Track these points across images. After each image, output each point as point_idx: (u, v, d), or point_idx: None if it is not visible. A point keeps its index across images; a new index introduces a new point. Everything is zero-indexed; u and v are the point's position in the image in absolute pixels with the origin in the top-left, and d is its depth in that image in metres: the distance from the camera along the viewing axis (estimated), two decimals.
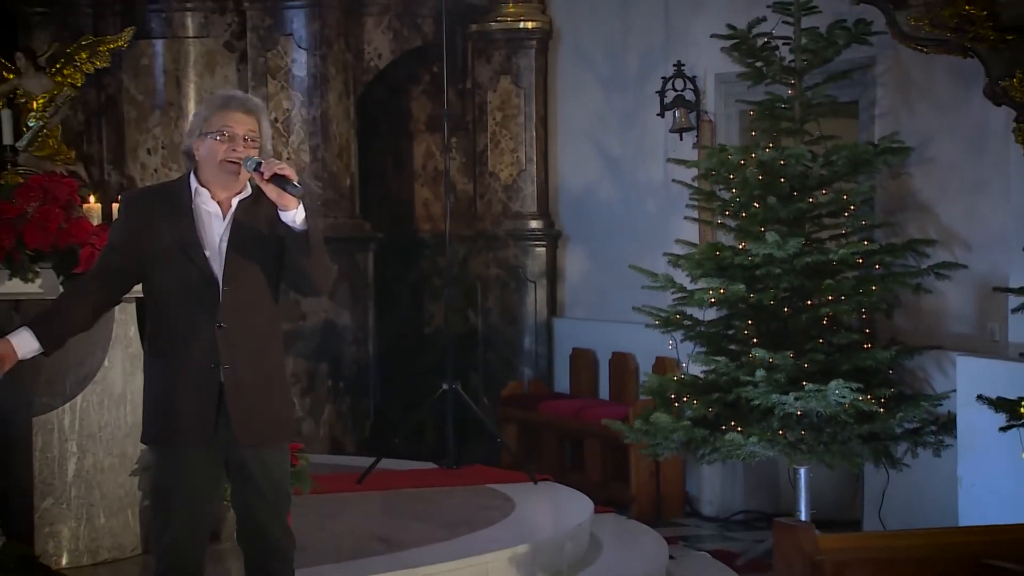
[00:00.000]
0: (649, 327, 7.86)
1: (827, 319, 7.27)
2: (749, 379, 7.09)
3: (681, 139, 9.11)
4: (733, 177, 7.51)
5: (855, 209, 7.49)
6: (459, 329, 10.33)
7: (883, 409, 7.10)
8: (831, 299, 7.20)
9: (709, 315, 7.67)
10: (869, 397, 7.02)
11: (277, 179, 4.14)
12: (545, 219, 10.51)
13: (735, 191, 7.53)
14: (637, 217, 9.70)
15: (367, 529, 6.66)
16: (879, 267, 7.42)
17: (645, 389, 7.83)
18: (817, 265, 7.28)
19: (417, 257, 10.71)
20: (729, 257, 7.41)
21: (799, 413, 6.97)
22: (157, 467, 4.41)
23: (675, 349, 7.85)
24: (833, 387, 6.88)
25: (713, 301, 7.44)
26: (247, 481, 4.33)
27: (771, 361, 7.05)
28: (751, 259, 7.26)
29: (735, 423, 7.19)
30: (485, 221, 10.60)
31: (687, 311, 7.67)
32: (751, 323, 7.41)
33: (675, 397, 7.49)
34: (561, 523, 6.97)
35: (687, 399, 7.44)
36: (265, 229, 4.28)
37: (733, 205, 7.55)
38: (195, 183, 4.33)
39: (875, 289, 7.27)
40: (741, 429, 7.13)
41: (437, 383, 8.13)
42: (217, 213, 4.31)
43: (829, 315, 7.24)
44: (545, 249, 10.46)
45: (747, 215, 7.46)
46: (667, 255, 7.81)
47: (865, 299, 7.26)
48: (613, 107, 9.98)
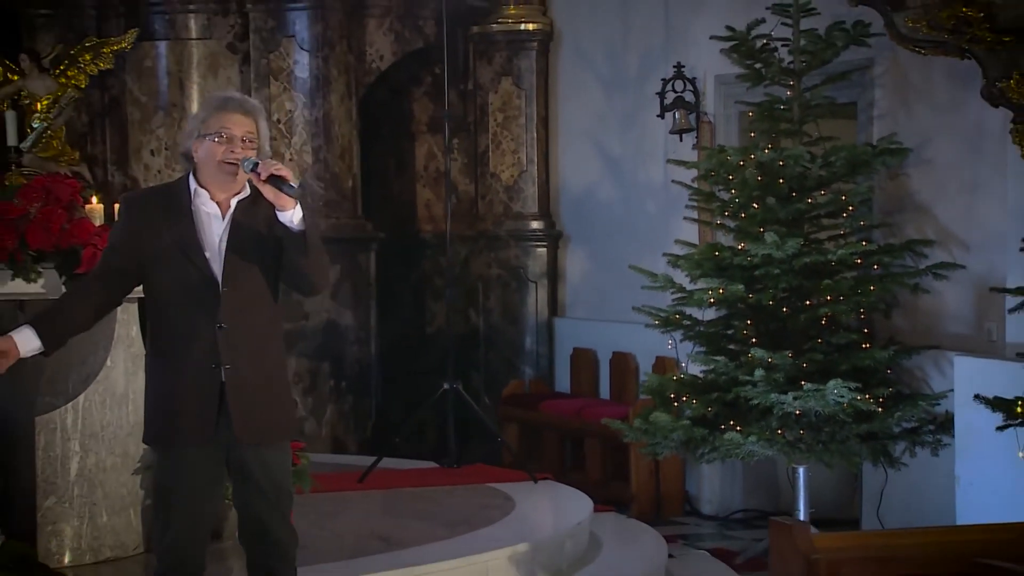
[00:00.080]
0: (649, 327, 7.86)
1: (826, 319, 7.27)
2: (748, 379, 7.08)
3: (681, 140, 9.10)
4: (732, 178, 7.51)
5: (853, 210, 7.48)
6: (460, 329, 10.34)
7: (881, 408, 7.10)
8: (830, 299, 7.20)
9: (708, 315, 7.67)
10: (867, 397, 7.02)
11: (274, 180, 4.16)
12: (546, 219, 10.51)
13: (734, 192, 7.53)
14: (637, 217, 9.70)
15: (368, 528, 6.66)
16: (877, 267, 7.42)
17: (645, 389, 7.83)
18: (816, 265, 7.28)
19: (419, 257, 10.71)
20: (728, 257, 7.41)
21: (798, 412, 6.97)
22: (158, 467, 4.42)
23: (675, 349, 7.83)
24: (832, 387, 6.88)
25: (712, 301, 7.44)
26: (248, 480, 4.34)
27: (770, 361, 7.05)
28: (750, 259, 7.26)
29: (734, 422, 7.18)
30: (486, 222, 10.60)
31: (686, 311, 7.66)
32: (750, 323, 7.41)
33: (675, 397, 7.48)
34: (561, 522, 6.97)
35: (686, 399, 7.43)
36: (264, 229, 4.29)
37: (732, 206, 7.55)
38: (194, 184, 4.34)
39: (873, 289, 7.27)
40: (740, 428, 7.13)
41: (439, 383, 8.13)
42: (216, 214, 4.32)
43: (828, 315, 7.23)
44: (546, 249, 10.46)
45: (746, 216, 7.46)
46: (667, 255, 7.80)
47: (863, 299, 7.26)
48: (613, 108, 9.98)
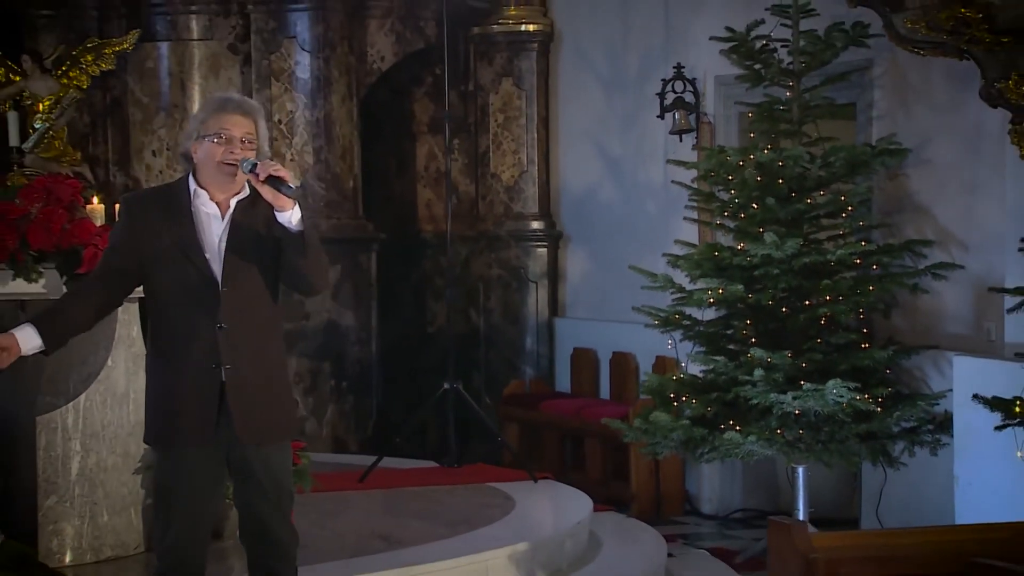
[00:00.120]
0: (649, 327, 7.87)
1: (825, 319, 7.27)
2: (747, 378, 7.09)
3: (681, 140, 9.11)
4: (732, 178, 7.51)
5: (853, 210, 7.49)
6: (461, 329, 10.35)
7: (880, 408, 7.10)
8: (829, 299, 7.21)
9: (708, 315, 7.68)
10: (867, 396, 7.02)
11: (272, 180, 4.17)
12: (546, 220, 10.52)
13: (734, 192, 7.53)
14: (637, 218, 9.71)
15: (368, 527, 6.68)
16: (876, 267, 7.43)
17: (645, 388, 7.84)
18: (815, 265, 7.29)
19: (420, 257, 10.73)
20: (728, 257, 7.42)
21: (797, 412, 6.97)
22: (158, 467, 4.43)
23: (674, 349, 7.84)
24: (831, 386, 6.89)
25: (712, 301, 7.44)
26: (249, 479, 4.35)
27: (769, 361, 7.06)
28: (749, 259, 7.27)
29: (733, 422, 7.19)
30: (487, 222, 10.61)
31: (686, 311, 7.67)
32: (749, 323, 7.42)
33: (674, 396, 7.48)
34: (561, 521, 7.00)
35: (686, 398, 7.43)
36: (263, 230, 4.29)
37: (732, 206, 7.55)
38: (194, 185, 4.35)
39: (872, 289, 7.28)
40: (739, 428, 7.13)
41: (439, 383, 8.15)
42: (216, 214, 4.33)
43: (827, 315, 7.23)
44: (546, 250, 10.47)
45: (746, 216, 7.46)
46: (666, 255, 7.81)
47: (863, 299, 7.27)
48: (614, 109, 9.99)
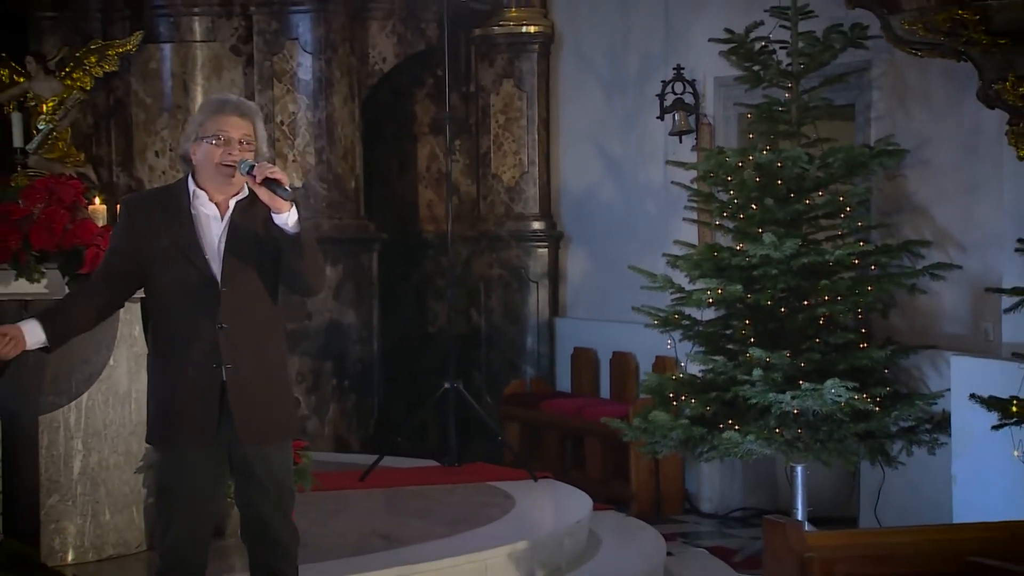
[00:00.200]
0: (648, 327, 7.88)
1: (823, 319, 7.29)
2: (746, 378, 7.11)
3: (680, 141, 9.13)
4: (731, 179, 7.53)
5: (851, 211, 7.51)
6: (462, 329, 10.38)
7: (879, 408, 7.12)
8: (827, 299, 7.23)
9: (707, 315, 7.70)
10: (865, 396, 7.04)
11: (268, 182, 4.19)
12: (547, 220, 10.54)
13: (733, 193, 7.56)
14: (637, 218, 9.74)
15: (369, 526, 6.70)
16: (875, 268, 7.45)
17: (644, 388, 7.86)
18: (814, 266, 7.31)
19: (421, 258, 10.75)
20: (727, 258, 7.44)
21: (796, 412, 6.99)
22: (160, 466, 4.45)
23: (674, 349, 7.87)
24: (829, 386, 6.91)
25: (711, 301, 7.46)
26: (250, 478, 4.37)
27: (768, 360, 7.08)
28: (748, 260, 7.29)
29: (733, 421, 7.21)
30: (488, 222, 10.63)
31: (686, 311, 7.69)
32: (748, 323, 7.44)
33: (674, 396, 7.50)
34: (560, 520, 7.02)
35: (685, 398, 7.45)
36: (261, 231, 4.31)
37: (731, 207, 7.57)
38: (193, 186, 4.37)
39: (871, 289, 7.30)
40: (738, 427, 7.15)
41: (440, 382, 8.18)
42: (215, 215, 4.35)
43: (825, 315, 7.25)
44: (547, 250, 10.50)
45: (745, 216, 7.48)
46: (666, 256, 7.83)
47: (861, 299, 7.29)
48: (614, 110, 10.01)
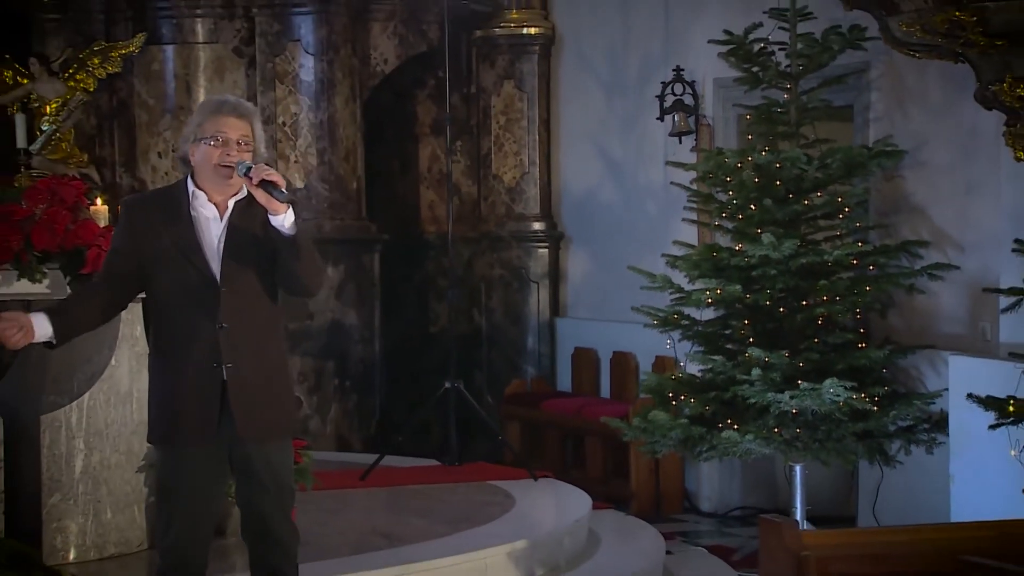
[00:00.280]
0: (648, 327, 7.90)
1: (822, 319, 7.31)
2: (745, 378, 7.12)
3: (680, 142, 9.14)
4: (730, 180, 7.55)
5: (850, 211, 7.52)
6: (463, 329, 10.40)
7: (877, 407, 7.14)
8: (826, 299, 7.24)
9: (706, 315, 7.72)
10: (863, 395, 7.05)
11: (265, 184, 4.22)
12: (548, 221, 10.57)
13: (732, 193, 7.56)
14: (637, 219, 9.76)
15: (369, 525, 6.72)
16: (873, 268, 7.46)
17: (644, 387, 7.88)
18: (812, 266, 7.32)
19: (422, 258, 10.78)
20: (726, 258, 7.45)
21: (794, 411, 7.00)
22: (161, 466, 4.48)
23: (673, 348, 7.89)
24: (828, 385, 6.92)
25: (710, 301, 7.48)
26: (251, 478, 4.39)
27: (767, 360, 7.09)
28: (747, 260, 7.30)
29: (732, 421, 7.22)
30: (489, 223, 10.66)
31: (685, 311, 7.70)
32: (747, 323, 7.45)
33: (673, 395, 7.51)
34: (560, 519, 7.04)
35: (684, 397, 7.47)
36: (260, 231, 4.33)
37: (730, 207, 7.58)
38: (192, 187, 4.40)
39: (869, 289, 7.31)
40: (737, 427, 7.16)
41: (442, 382, 8.20)
42: (215, 216, 4.38)
43: (824, 315, 7.27)
44: (548, 250, 10.53)
45: (744, 217, 7.50)
46: (665, 256, 7.85)
47: (859, 299, 7.31)
48: (614, 111, 10.04)
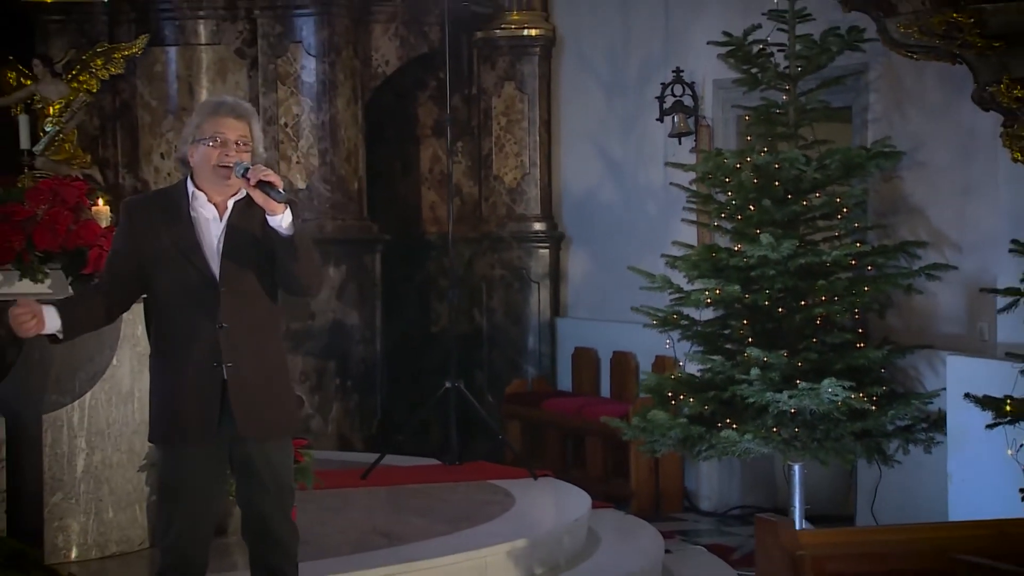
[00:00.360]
0: (647, 327, 7.92)
1: (820, 319, 7.32)
2: (744, 377, 7.14)
3: (680, 143, 9.16)
4: (729, 180, 7.56)
5: (848, 212, 7.54)
6: (464, 329, 10.44)
7: (875, 407, 7.16)
8: (824, 299, 7.25)
9: (705, 315, 7.74)
10: (861, 395, 7.07)
11: (262, 185, 4.23)
12: (548, 221, 10.60)
13: (731, 194, 7.58)
14: (637, 219, 9.78)
15: (370, 524, 6.74)
16: (871, 268, 7.47)
17: (643, 387, 7.89)
18: (811, 266, 7.34)
19: (423, 258, 10.81)
20: (725, 258, 7.47)
21: (793, 411, 7.02)
22: (162, 465, 4.50)
23: (672, 348, 7.92)
24: (826, 385, 6.93)
25: (709, 301, 7.50)
26: (251, 477, 4.41)
27: (766, 360, 7.10)
28: (746, 260, 7.31)
29: (730, 420, 7.24)
30: (490, 223, 10.68)
31: (684, 311, 7.72)
32: (746, 323, 7.47)
33: (672, 395, 7.52)
34: (559, 518, 7.05)
35: (684, 397, 7.48)
36: (258, 232, 4.35)
37: (729, 208, 7.59)
38: (192, 188, 4.42)
39: (867, 290, 7.32)
40: (736, 426, 7.18)
41: (442, 382, 8.22)
42: (214, 216, 4.40)
43: (822, 315, 7.28)
44: (548, 251, 10.56)
45: (743, 217, 7.51)
46: (665, 256, 7.88)
47: (858, 299, 7.32)
48: (614, 112, 10.06)
